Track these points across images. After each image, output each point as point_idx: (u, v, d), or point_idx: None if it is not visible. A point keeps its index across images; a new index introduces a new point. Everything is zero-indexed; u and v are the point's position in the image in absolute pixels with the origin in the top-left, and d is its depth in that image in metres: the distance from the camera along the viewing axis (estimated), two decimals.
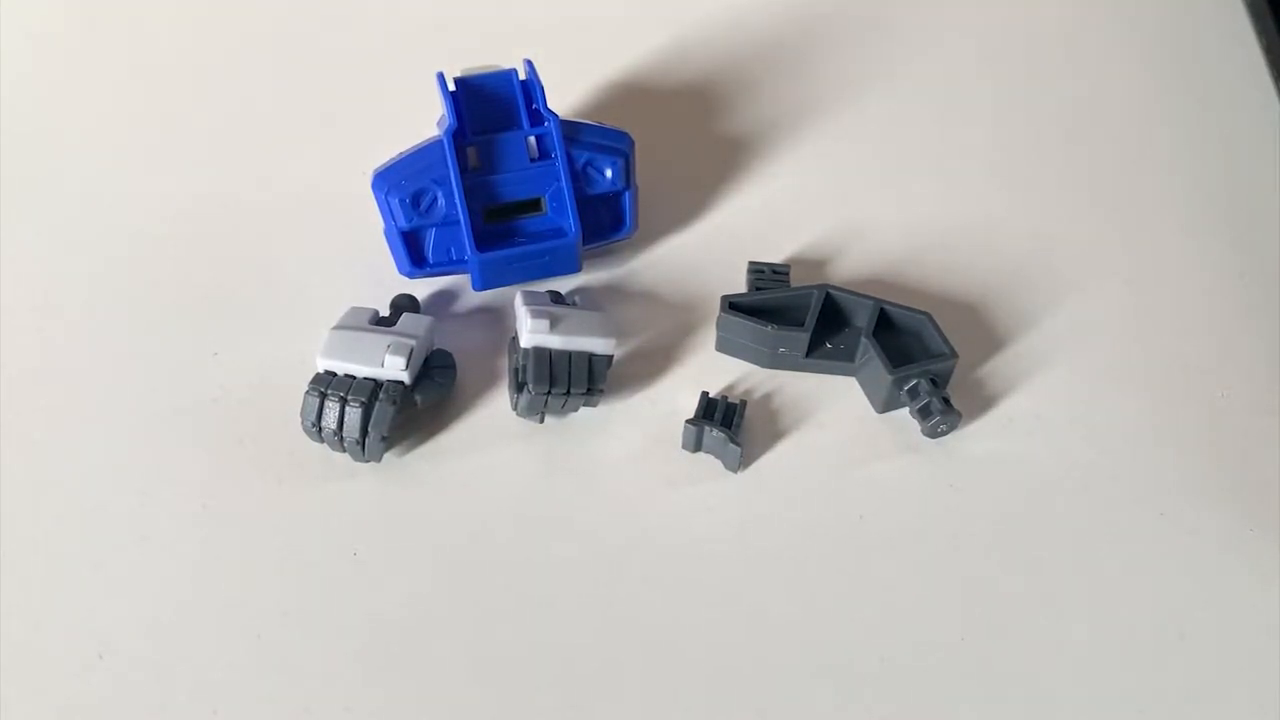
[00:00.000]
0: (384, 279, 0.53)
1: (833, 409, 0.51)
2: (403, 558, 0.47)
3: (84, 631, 0.44)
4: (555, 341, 0.48)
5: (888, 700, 0.44)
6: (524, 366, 0.48)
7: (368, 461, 0.48)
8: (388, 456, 0.49)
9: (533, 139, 0.52)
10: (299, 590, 0.46)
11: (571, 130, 0.52)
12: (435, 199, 0.51)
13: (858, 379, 0.52)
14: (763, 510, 0.48)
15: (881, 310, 0.51)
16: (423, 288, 0.54)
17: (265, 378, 0.51)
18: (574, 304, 0.52)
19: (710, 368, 0.52)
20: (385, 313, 0.51)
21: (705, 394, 0.50)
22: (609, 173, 0.52)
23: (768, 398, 0.51)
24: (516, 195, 0.52)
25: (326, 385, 0.47)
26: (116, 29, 0.66)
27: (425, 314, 0.51)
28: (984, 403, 0.51)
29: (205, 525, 0.47)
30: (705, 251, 0.56)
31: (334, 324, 0.49)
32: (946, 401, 0.49)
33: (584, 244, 0.53)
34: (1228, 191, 0.60)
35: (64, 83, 0.64)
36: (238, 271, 0.55)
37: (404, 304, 0.52)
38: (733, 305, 0.51)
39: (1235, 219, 0.59)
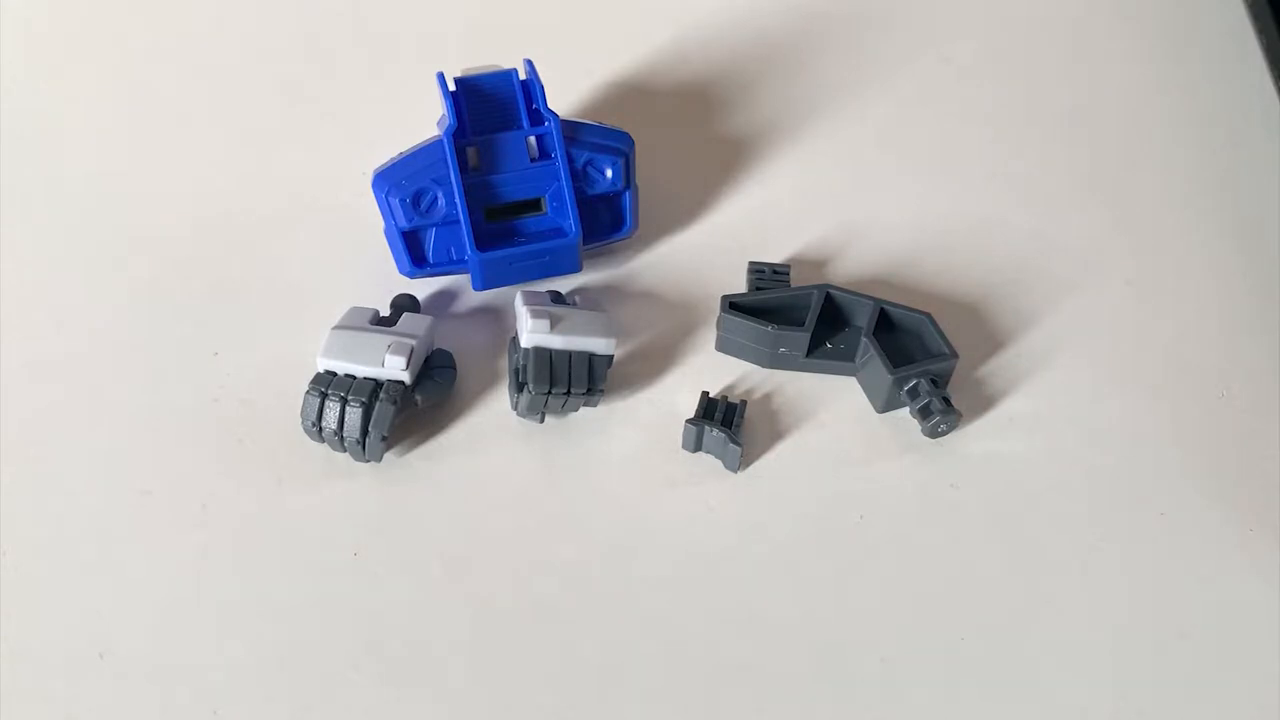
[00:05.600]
0: (384, 279, 0.53)
1: (833, 409, 0.51)
2: (403, 557, 0.47)
3: (84, 631, 0.44)
4: (555, 341, 0.48)
5: (888, 700, 0.44)
6: (524, 366, 0.48)
7: (368, 461, 0.48)
8: (388, 456, 0.49)
9: (533, 139, 0.52)
10: (299, 590, 0.46)
11: (571, 130, 0.52)
12: (435, 199, 0.51)
13: (858, 379, 0.52)
14: (763, 510, 0.48)
15: (881, 310, 0.51)
16: (423, 288, 0.54)
17: (265, 378, 0.51)
18: (574, 304, 0.52)
19: (710, 368, 0.52)
20: (385, 313, 0.51)
21: (705, 394, 0.50)
22: (609, 173, 0.52)
23: (768, 398, 0.51)
24: (516, 195, 0.52)
25: (327, 385, 0.47)
26: (118, 29, 0.66)
27: (425, 314, 0.51)
28: (984, 403, 0.51)
29: (205, 525, 0.47)
30: (705, 251, 0.56)
31: (334, 324, 0.49)
32: (946, 401, 0.49)
33: (584, 244, 0.53)
34: (1228, 191, 0.60)
35: (65, 83, 0.64)
36: (238, 272, 0.55)
37: (404, 304, 0.52)
38: (733, 305, 0.51)
39: (1235, 219, 0.59)
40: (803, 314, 0.51)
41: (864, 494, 0.49)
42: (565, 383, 0.48)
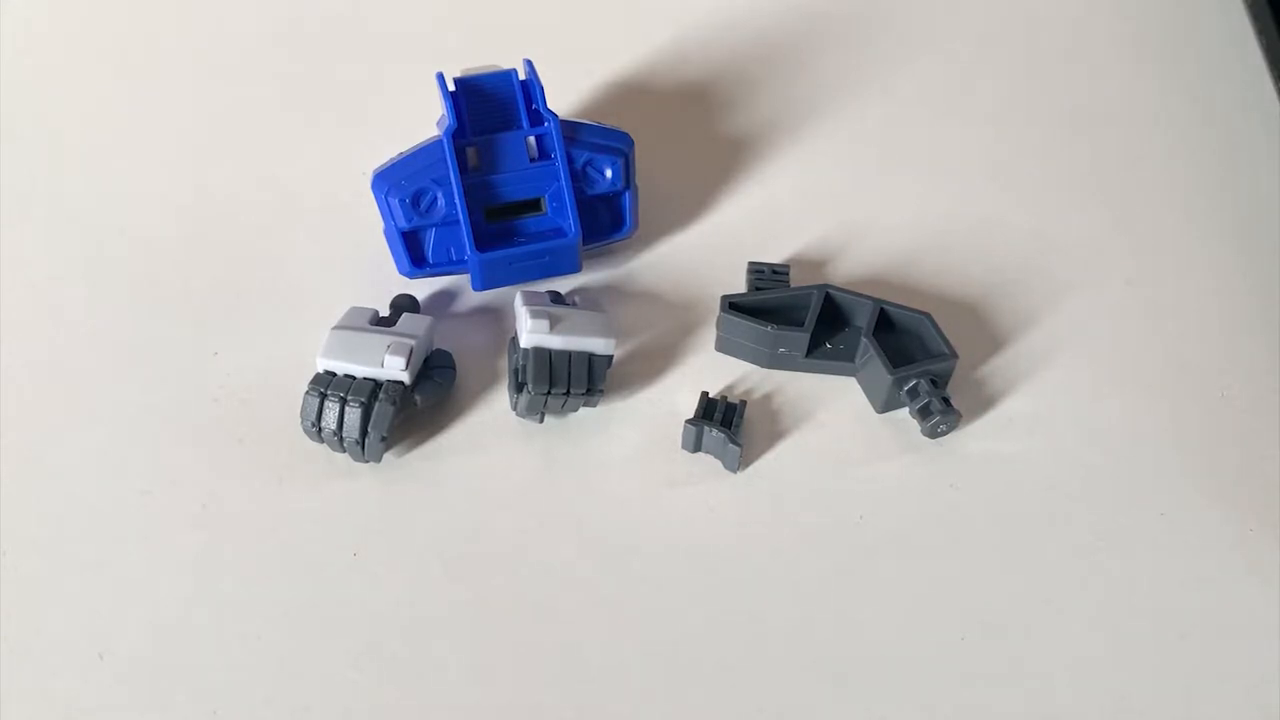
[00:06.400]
0: (384, 279, 0.53)
1: (833, 409, 0.51)
2: (403, 558, 0.47)
3: (84, 631, 0.44)
4: (555, 341, 0.48)
5: (888, 700, 0.44)
6: (524, 366, 0.48)
7: (368, 461, 0.48)
8: (388, 456, 0.49)
9: (533, 139, 0.52)
10: (299, 590, 0.46)
11: (571, 130, 0.52)
12: (435, 199, 0.51)
13: (858, 379, 0.52)
14: (763, 510, 0.48)
15: (881, 310, 0.51)
16: (423, 288, 0.54)
17: (265, 378, 0.51)
18: (574, 304, 0.52)
19: (710, 368, 0.52)
20: (385, 313, 0.51)
21: (705, 394, 0.50)
22: (609, 173, 0.52)
23: (768, 398, 0.51)
24: (516, 195, 0.52)
25: (326, 385, 0.47)
26: (117, 28, 0.66)
27: (425, 314, 0.51)
28: (984, 403, 0.51)
29: (205, 525, 0.47)
30: (705, 251, 0.56)
31: (334, 324, 0.49)
32: (946, 401, 0.49)
33: (584, 244, 0.53)
34: (1228, 191, 0.60)
35: (64, 82, 0.64)
36: (238, 271, 0.55)
37: (404, 304, 0.52)
38: (733, 305, 0.51)
39: (1235, 219, 0.59)
40: (802, 314, 0.51)
41: (864, 494, 0.49)
42: (565, 383, 0.48)
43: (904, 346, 0.51)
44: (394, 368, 0.47)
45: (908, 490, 0.49)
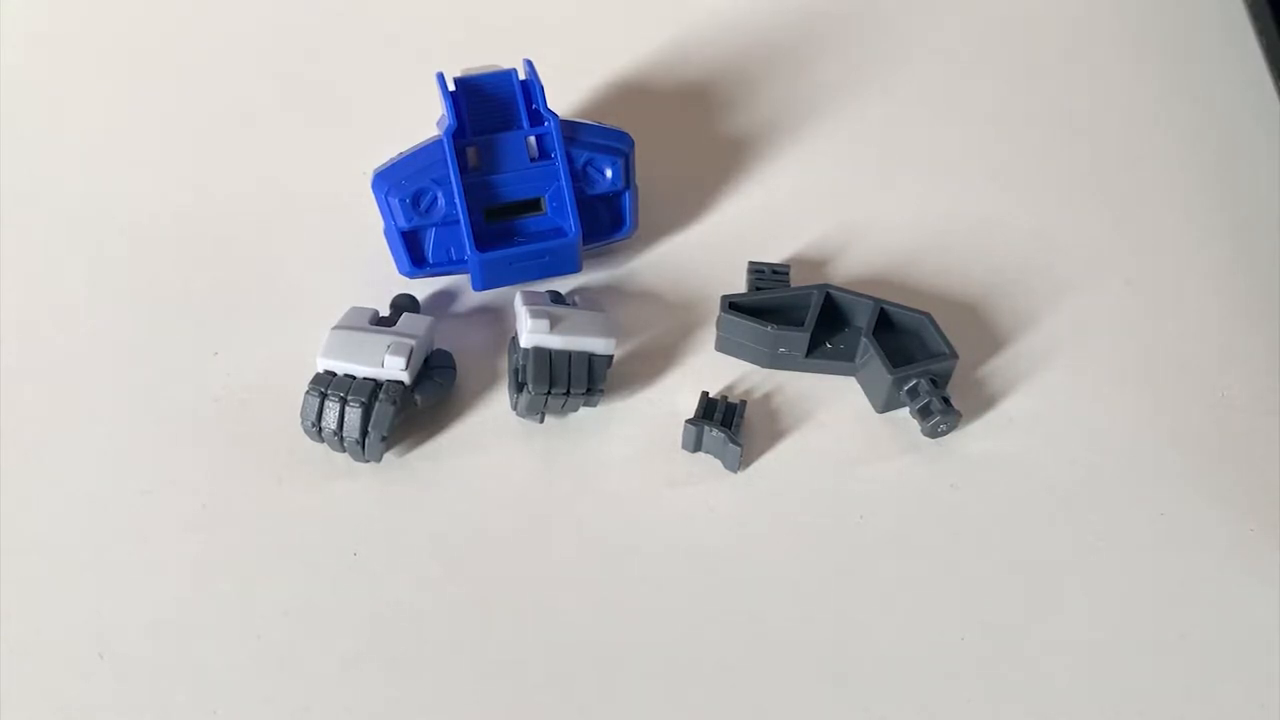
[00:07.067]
0: (384, 279, 0.53)
1: (833, 409, 0.51)
2: (403, 558, 0.47)
3: (84, 631, 0.44)
4: (555, 341, 0.48)
5: (888, 700, 0.44)
6: (524, 366, 0.48)
7: (368, 461, 0.48)
8: (388, 456, 0.49)
9: (533, 139, 0.52)
10: (299, 590, 0.46)
11: (571, 130, 0.52)
12: (435, 199, 0.51)
13: (858, 379, 0.52)
14: (763, 510, 0.48)
15: (881, 310, 0.51)
16: (423, 288, 0.54)
17: (265, 378, 0.51)
18: (574, 304, 0.52)
19: (710, 368, 0.52)
20: (385, 313, 0.51)
21: (705, 394, 0.50)
22: (609, 173, 0.52)
23: (768, 398, 0.51)
24: (516, 195, 0.52)
25: (326, 385, 0.47)
26: (117, 27, 0.66)
27: (425, 314, 0.51)
28: (984, 403, 0.51)
29: (205, 525, 0.47)
30: (705, 251, 0.56)
31: (334, 324, 0.49)
32: (946, 401, 0.49)
33: (584, 244, 0.53)
34: (1228, 191, 0.60)
35: (63, 82, 0.64)
36: (237, 271, 0.55)
37: (404, 304, 0.52)
38: (733, 305, 0.51)
39: (1235, 219, 0.59)
40: (802, 314, 0.51)
41: (864, 494, 0.49)
42: (565, 383, 0.48)
43: (904, 346, 0.51)
44: (394, 368, 0.47)
45: (908, 490, 0.49)
